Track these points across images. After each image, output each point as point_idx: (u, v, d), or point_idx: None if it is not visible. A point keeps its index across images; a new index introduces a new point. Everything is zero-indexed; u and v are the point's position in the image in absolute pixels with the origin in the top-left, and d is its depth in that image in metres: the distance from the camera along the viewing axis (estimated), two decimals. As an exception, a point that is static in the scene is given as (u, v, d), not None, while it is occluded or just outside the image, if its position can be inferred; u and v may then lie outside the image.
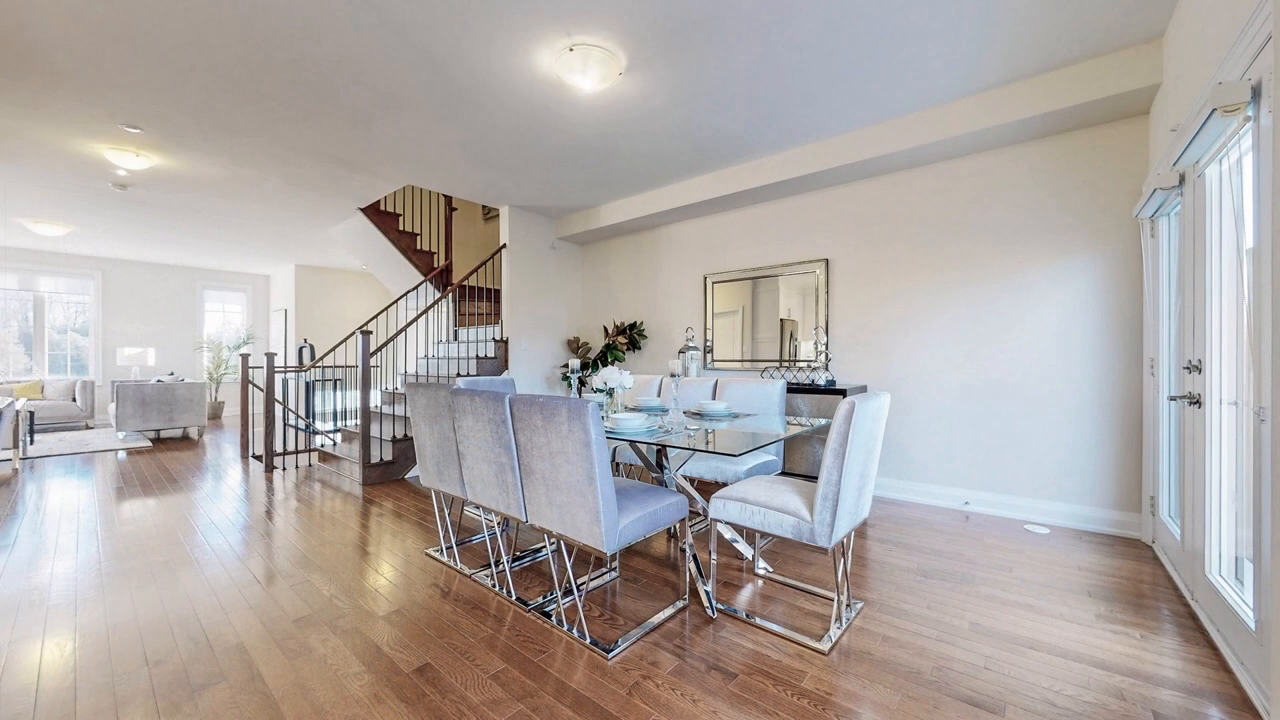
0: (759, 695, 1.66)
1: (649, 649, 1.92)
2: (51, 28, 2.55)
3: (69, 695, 1.67)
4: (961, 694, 1.66)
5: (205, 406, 6.85)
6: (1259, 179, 1.56)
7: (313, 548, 2.94)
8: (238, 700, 1.64)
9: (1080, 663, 1.82)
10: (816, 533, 1.92)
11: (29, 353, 7.79)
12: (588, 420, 1.82)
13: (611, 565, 2.61)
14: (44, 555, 2.82)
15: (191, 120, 3.54)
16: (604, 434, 1.90)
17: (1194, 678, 1.73)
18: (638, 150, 4.00)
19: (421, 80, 3.01)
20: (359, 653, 1.90)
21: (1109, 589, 2.37)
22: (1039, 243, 3.31)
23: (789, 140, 3.82)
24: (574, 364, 3.79)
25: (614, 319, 5.92)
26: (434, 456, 2.66)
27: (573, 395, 4.97)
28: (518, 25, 2.52)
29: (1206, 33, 2.00)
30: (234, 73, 2.94)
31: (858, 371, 4.08)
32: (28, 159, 4.22)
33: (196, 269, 9.01)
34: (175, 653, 1.90)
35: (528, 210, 5.56)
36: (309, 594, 2.37)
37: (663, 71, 2.91)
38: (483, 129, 3.64)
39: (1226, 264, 2.01)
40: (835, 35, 2.61)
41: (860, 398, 1.94)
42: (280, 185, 4.89)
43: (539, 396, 1.98)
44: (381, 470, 4.42)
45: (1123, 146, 3.06)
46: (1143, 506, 2.96)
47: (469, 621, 2.12)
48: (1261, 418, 1.49)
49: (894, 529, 3.18)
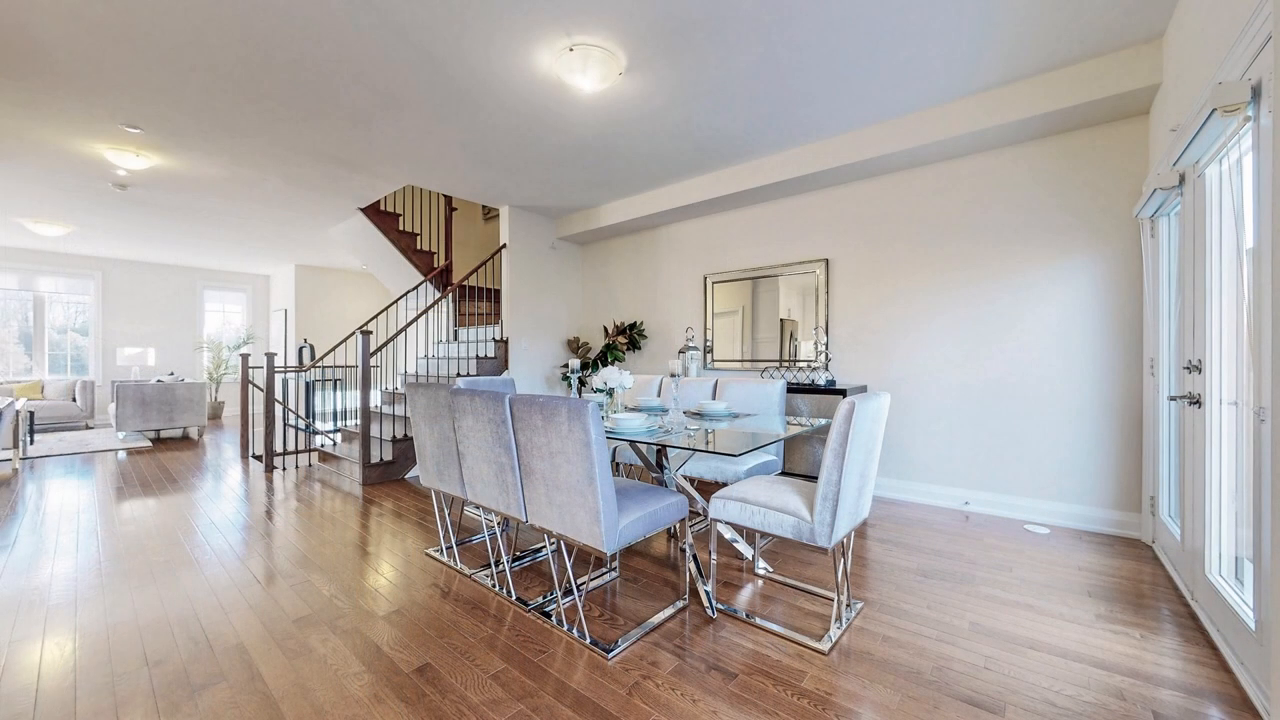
0: (759, 695, 1.66)
1: (649, 649, 1.92)
2: (51, 28, 2.55)
3: (69, 695, 1.67)
4: (961, 694, 1.66)
5: (205, 406, 6.85)
6: (1259, 179, 1.56)
7: (312, 548, 2.94)
8: (238, 700, 1.64)
9: (1080, 663, 1.82)
10: (816, 533, 1.92)
11: (29, 353, 7.79)
12: (588, 420, 1.82)
13: (611, 565, 2.61)
14: (44, 555, 2.82)
15: (191, 120, 3.54)
16: (604, 434, 1.90)
17: (1194, 678, 1.73)
18: (638, 150, 4.00)
19: (421, 80, 3.01)
20: (359, 653, 1.90)
21: (1109, 589, 2.37)
22: (1039, 243, 3.31)
23: (789, 140, 3.82)
24: (574, 364, 3.80)
25: (614, 319, 5.92)
26: (434, 456, 2.66)
27: (573, 395, 4.97)
28: (518, 25, 2.52)
29: (1206, 33, 2.00)
30: (234, 73, 2.94)
31: (858, 371, 4.08)
32: (28, 159, 4.22)
33: (196, 269, 9.01)
34: (175, 653, 1.90)
35: (528, 210, 5.56)
36: (309, 594, 2.37)
37: (663, 71, 2.92)
38: (483, 129, 3.64)
39: (1226, 264, 2.01)
40: (835, 35, 2.61)
41: (860, 398, 1.94)
42: (280, 185, 4.89)
43: (539, 396, 1.98)
44: (381, 470, 4.42)
45: (1123, 146, 3.07)
46: (1143, 506, 2.96)
47: (469, 621, 2.12)
48: (1261, 418, 1.49)
49: (894, 529, 3.18)
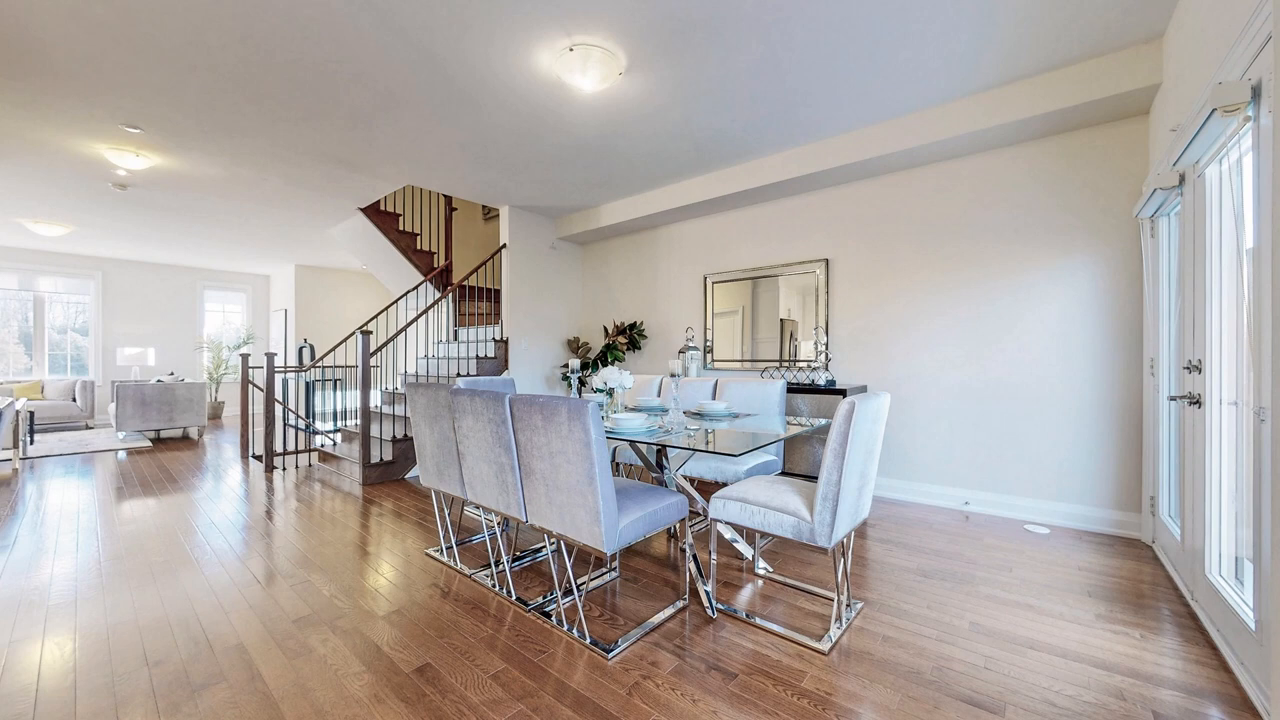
0: (759, 695, 1.66)
1: (649, 649, 1.92)
2: (51, 28, 2.55)
3: (69, 695, 1.67)
4: (961, 694, 1.66)
5: (205, 406, 6.85)
6: (1259, 179, 1.56)
7: (312, 548, 2.94)
8: (238, 700, 1.64)
9: (1080, 663, 1.82)
10: (816, 533, 1.92)
11: (29, 353, 7.78)
12: (588, 420, 1.82)
13: (611, 565, 2.61)
14: (44, 555, 2.82)
15: (192, 120, 3.54)
16: (604, 434, 1.90)
17: (1194, 678, 1.73)
18: (638, 150, 4.00)
19: (421, 80, 3.01)
20: (359, 653, 1.90)
21: (1109, 589, 2.37)
22: (1039, 243, 3.31)
23: (789, 140, 3.82)
24: (574, 364, 3.80)
25: (614, 319, 5.92)
26: (434, 457, 2.66)
27: (573, 395, 4.96)
28: (518, 25, 2.52)
29: (1206, 33, 2.00)
30: (234, 73, 2.94)
31: (858, 371, 4.08)
32: (28, 159, 4.23)
33: (196, 269, 9.01)
34: (175, 652, 1.90)
35: (528, 210, 5.56)
36: (308, 594, 2.37)
37: (663, 71, 2.92)
38: (483, 129, 3.65)
39: (1226, 264, 2.01)
40: (835, 35, 2.61)
41: (860, 398, 1.94)
42: (280, 185, 4.89)
43: (539, 396, 1.98)
44: (381, 470, 4.42)
45: (1123, 146, 3.07)
46: (1143, 506, 2.96)
47: (469, 621, 2.12)
48: (1261, 418, 1.49)
49: (894, 529, 3.18)
